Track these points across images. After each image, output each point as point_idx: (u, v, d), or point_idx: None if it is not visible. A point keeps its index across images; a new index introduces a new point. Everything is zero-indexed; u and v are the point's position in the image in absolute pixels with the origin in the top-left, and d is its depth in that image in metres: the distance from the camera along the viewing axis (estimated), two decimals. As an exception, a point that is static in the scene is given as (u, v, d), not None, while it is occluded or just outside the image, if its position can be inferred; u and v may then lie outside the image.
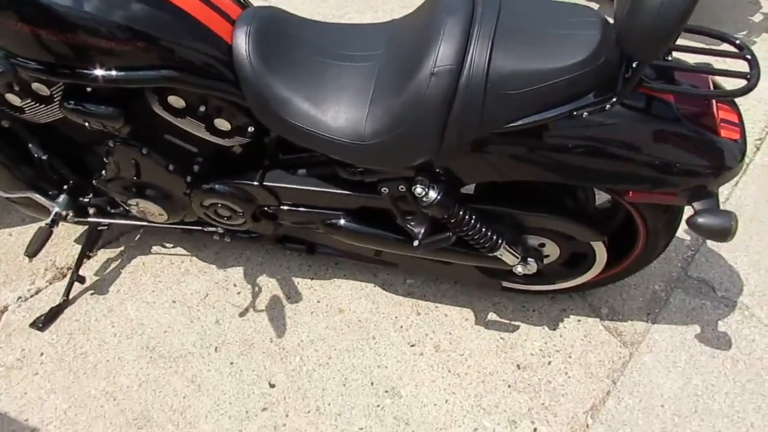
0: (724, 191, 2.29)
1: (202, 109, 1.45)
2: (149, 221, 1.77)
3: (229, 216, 1.67)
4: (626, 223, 1.65)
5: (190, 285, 1.90)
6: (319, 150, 1.41)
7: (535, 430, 1.66)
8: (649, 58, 1.19)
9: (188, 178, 1.61)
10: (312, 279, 1.94)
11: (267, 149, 1.59)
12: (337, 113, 1.38)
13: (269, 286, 1.91)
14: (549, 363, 1.80)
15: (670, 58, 1.36)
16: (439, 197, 1.41)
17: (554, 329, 1.87)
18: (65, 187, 1.74)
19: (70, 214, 1.76)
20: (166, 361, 1.72)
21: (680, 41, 1.24)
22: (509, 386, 1.74)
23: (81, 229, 2.01)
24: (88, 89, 1.41)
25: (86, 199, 1.78)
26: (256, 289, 1.90)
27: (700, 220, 1.37)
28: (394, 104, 1.32)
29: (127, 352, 1.73)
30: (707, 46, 1.38)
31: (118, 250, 1.96)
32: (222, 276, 1.92)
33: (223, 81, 1.39)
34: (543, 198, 1.56)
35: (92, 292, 1.85)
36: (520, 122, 1.27)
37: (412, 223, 1.55)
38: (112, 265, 1.92)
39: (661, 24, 1.11)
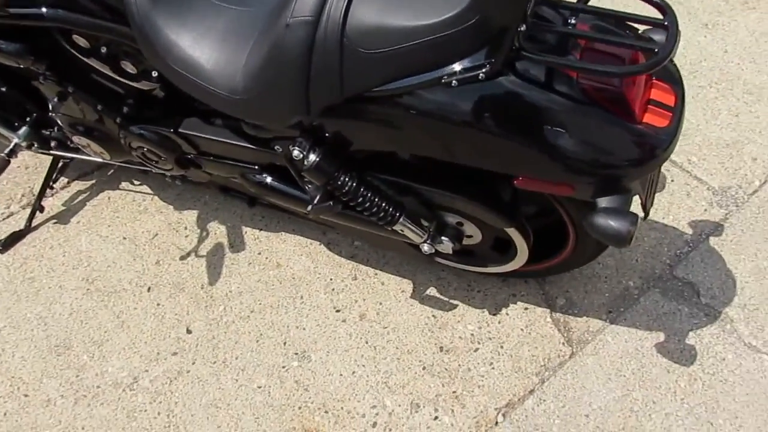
0: (754, 182, 1.95)
1: (104, 50, 1.44)
2: (103, 159, 1.82)
3: (156, 161, 1.68)
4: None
5: (144, 224, 1.95)
6: (202, 100, 1.36)
7: (436, 418, 1.56)
8: (508, 20, 1.00)
9: (117, 119, 1.62)
10: (260, 230, 1.92)
11: (183, 96, 1.56)
12: (218, 62, 1.31)
13: (217, 232, 1.92)
14: (476, 350, 1.67)
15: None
16: (317, 160, 1.31)
17: (494, 314, 1.72)
18: (28, 119, 1.83)
19: (34, 145, 1.85)
20: (100, 294, 1.80)
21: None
22: (424, 368, 1.64)
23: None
24: None
25: (48, 132, 1.86)
26: (204, 234, 1.92)
27: (594, 219, 1.17)
28: (260, 57, 1.22)
29: (69, 282, 1.82)
30: (620, 11, 1.14)
31: (89, 183, 2.05)
32: (176, 218, 1.96)
33: (114, 22, 1.36)
34: (452, 173, 1.40)
35: (55, 221, 1.96)
36: (381, 88, 1.14)
37: (310, 186, 1.47)
38: (80, 197, 2.02)
39: None
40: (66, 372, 1.66)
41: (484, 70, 1.07)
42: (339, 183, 1.34)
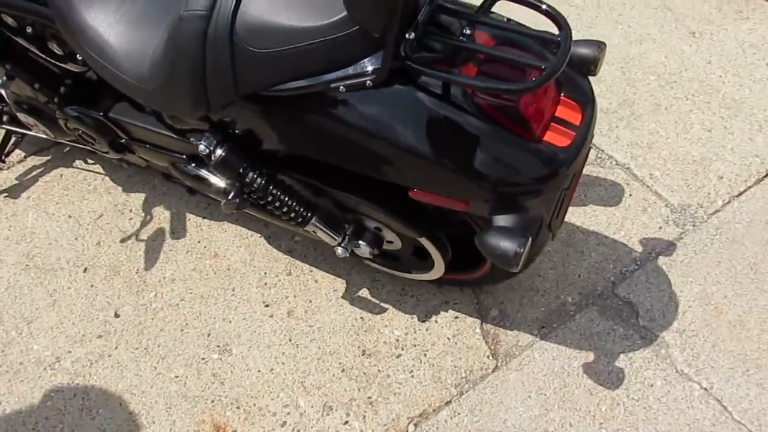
0: (717, 201, 1.87)
1: (30, 30, 1.43)
2: (48, 137, 1.83)
3: (92, 143, 1.67)
4: None
5: (91, 203, 1.95)
6: (116, 87, 1.34)
7: (346, 422, 1.54)
8: (372, 27, 0.96)
9: (55, 99, 1.62)
10: (203, 218, 1.91)
11: None
12: (129, 48, 1.28)
13: (161, 217, 1.91)
14: (398, 356, 1.63)
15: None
16: (223, 155, 1.28)
17: (423, 321, 1.69)
18: (-20, 93, 1.84)
19: None
20: (38, 271, 1.81)
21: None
22: (343, 371, 1.62)
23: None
24: None
25: (0, 107, 1.87)
26: (148, 218, 1.91)
27: (484, 237, 1.12)
28: (161, 47, 1.20)
29: (9, 257, 1.84)
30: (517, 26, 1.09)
31: (45, 159, 2.06)
32: (123, 199, 1.95)
33: (34, 1, 1.35)
34: (362, 179, 1.36)
35: (5, 195, 1.97)
36: (276, 88, 1.10)
37: (226, 180, 1.44)
38: (34, 173, 2.03)
39: None
40: (-7, 347, 1.68)
41: (371, 77, 1.03)
42: (247, 180, 1.32)
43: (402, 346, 1.65)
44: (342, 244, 1.43)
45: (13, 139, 1.98)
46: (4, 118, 1.88)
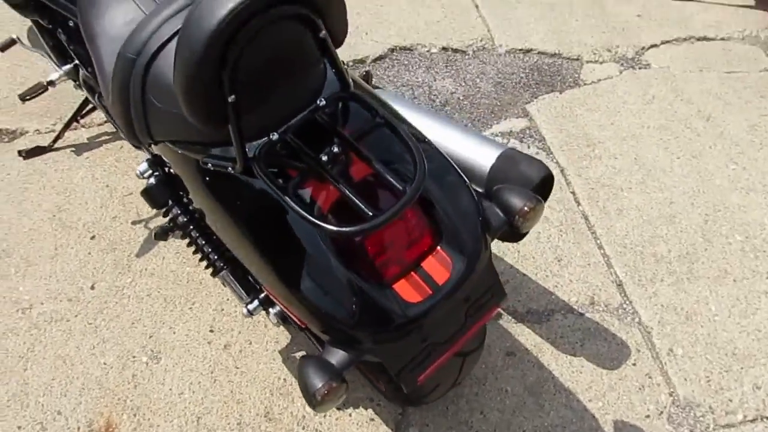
0: (738, 414, 1.53)
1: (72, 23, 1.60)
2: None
3: None
4: None
5: (129, 180, 2.12)
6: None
7: (213, 475, 1.51)
8: (208, 128, 0.92)
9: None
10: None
11: None
12: (107, 62, 1.36)
13: (176, 213, 2.02)
14: (295, 432, 1.56)
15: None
16: (151, 185, 1.32)
17: (338, 409, 1.59)
18: (75, 60, 2.09)
19: (75, 82, 2.11)
20: (58, 224, 2.00)
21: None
22: (239, 424, 1.59)
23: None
24: None
25: (84, 75, 2.10)
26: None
27: (301, 361, 1.02)
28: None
29: (45, 203, 2.06)
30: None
31: (114, 129, 2.28)
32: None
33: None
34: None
35: (72, 150, 2.22)
36: (163, 141, 1.11)
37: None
38: (101, 138, 2.25)
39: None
40: (-5, 275, 1.90)
41: (231, 165, 1.00)
42: (171, 215, 1.34)
43: (305, 425, 1.58)
44: (249, 306, 1.39)
45: (91, 104, 2.22)
46: (85, 86, 2.11)
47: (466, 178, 1.10)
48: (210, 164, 1.04)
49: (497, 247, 1.92)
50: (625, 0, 2.91)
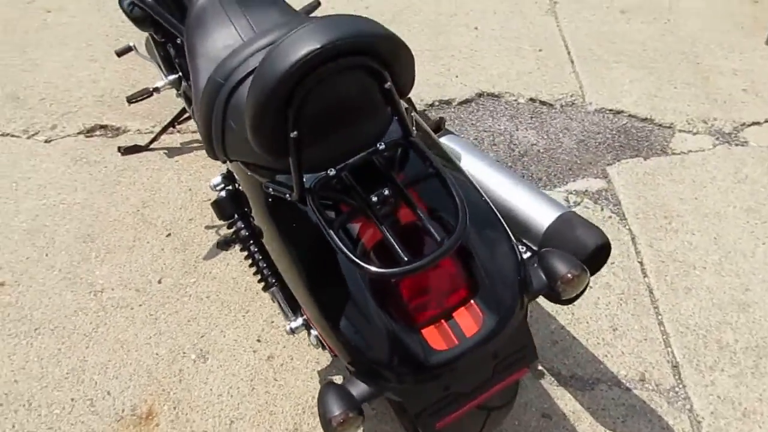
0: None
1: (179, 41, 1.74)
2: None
3: None
4: None
5: (211, 187, 2.26)
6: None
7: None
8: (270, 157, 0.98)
9: None
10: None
11: None
12: (200, 75, 1.47)
13: (246, 224, 2.13)
14: (319, 455, 1.59)
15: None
16: (220, 197, 1.41)
17: (365, 439, 1.61)
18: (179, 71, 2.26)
19: (177, 90, 2.29)
20: (140, 219, 2.17)
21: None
22: (267, 435, 1.63)
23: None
24: None
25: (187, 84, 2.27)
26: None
27: (322, 388, 1.05)
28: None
29: (132, 198, 2.23)
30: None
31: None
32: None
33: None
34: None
35: (165, 152, 2.39)
36: (235, 161, 1.20)
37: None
38: (194, 144, 2.42)
39: None
40: (74, 258, 2.06)
41: (289, 192, 1.07)
42: (234, 228, 1.43)
43: None
44: (292, 324, 1.44)
45: (187, 114, 2.39)
46: (185, 96, 2.28)
47: (512, 236, 1.10)
48: (271, 189, 1.11)
49: (551, 305, 1.88)
50: (732, 72, 2.81)
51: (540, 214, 1.35)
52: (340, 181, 1.05)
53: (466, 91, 2.69)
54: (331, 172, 1.04)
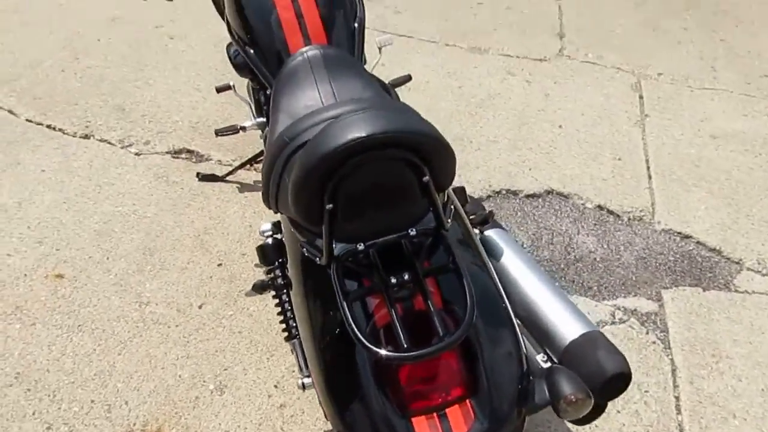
0: None
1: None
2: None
3: None
4: None
5: (270, 228, 2.36)
6: None
7: None
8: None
9: None
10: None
11: None
12: (277, 127, 1.57)
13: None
14: None
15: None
16: (266, 243, 1.48)
17: None
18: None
19: (262, 132, 2.44)
20: (199, 243, 2.29)
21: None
22: (260, 482, 1.64)
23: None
24: None
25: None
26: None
27: None
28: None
29: (197, 224, 2.36)
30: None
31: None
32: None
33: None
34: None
35: (238, 186, 2.53)
36: (283, 214, 1.27)
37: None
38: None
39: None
40: (131, 267, 2.20)
41: (320, 256, 1.12)
42: (272, 275, 1.49)
43: None
44: (303, 380, 1.47)
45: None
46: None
47: (524, 345, 1.11)
48: (305, 249, 1.18)
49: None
50: (818, 219, 2.69)
51: (566, 326, 1.33)
52: (367, 257, 1.10)
53: (536, 186, 2.70)
54: (360, 246, 1.09)
